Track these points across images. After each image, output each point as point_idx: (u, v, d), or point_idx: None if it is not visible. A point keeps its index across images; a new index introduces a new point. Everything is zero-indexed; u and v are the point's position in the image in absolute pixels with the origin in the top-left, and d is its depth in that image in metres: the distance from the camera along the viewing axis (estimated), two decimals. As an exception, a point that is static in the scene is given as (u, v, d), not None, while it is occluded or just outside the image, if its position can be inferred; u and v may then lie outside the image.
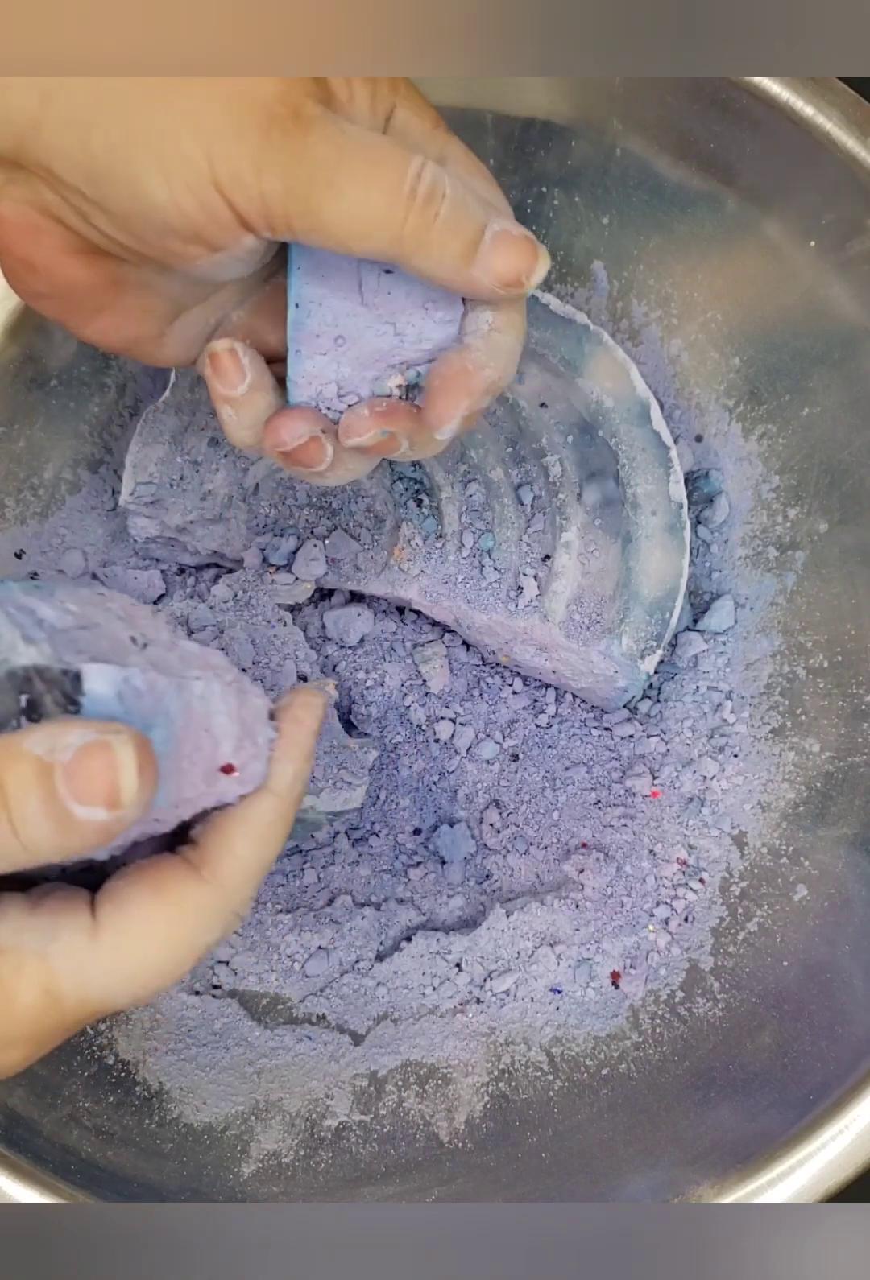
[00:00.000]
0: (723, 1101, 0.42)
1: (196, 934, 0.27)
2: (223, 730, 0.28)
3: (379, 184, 0.28)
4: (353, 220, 0.28)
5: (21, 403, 0.47)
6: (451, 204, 0.28)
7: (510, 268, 0.29)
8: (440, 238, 0.28)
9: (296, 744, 0.29)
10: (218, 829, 0.28)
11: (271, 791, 0.29)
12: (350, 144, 0.28)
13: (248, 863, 0.28)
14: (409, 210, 0.28)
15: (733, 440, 0.48)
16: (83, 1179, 0.39)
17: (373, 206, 0.28)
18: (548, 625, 0.45)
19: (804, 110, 0.42)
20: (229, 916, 0.28)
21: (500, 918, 0.45)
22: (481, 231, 0.29)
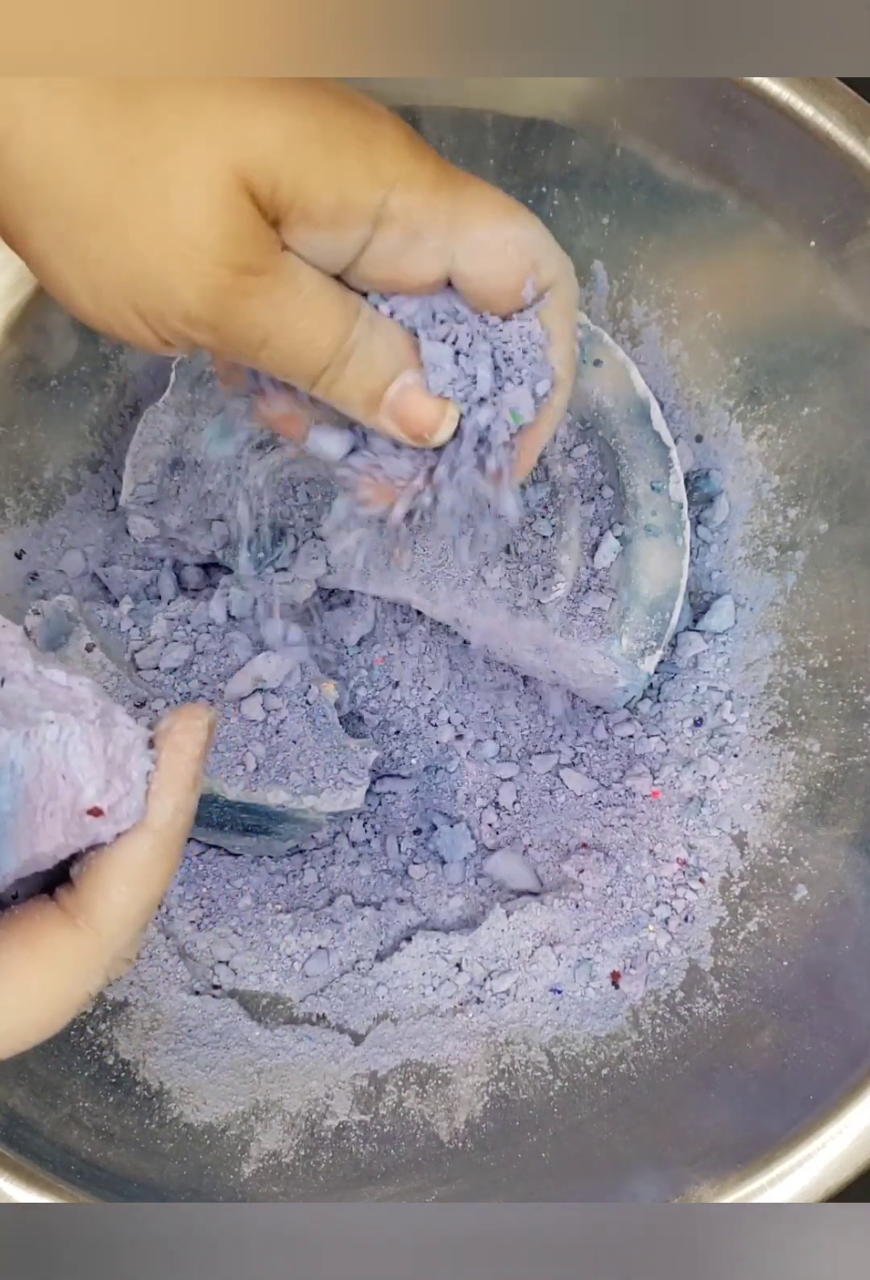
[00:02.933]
0: (723, 1101, 0.42)
1: (74, 985, 0.26)
2: (84, 773, 0.26)
3: (308, 353, 0.29)
4: (280, 368, 0.30)
5: (21, 403, 0.47)
6: (358, 361, 0.30)
7: (408, 420, 0.31)
8: (345, 391, 0.30)
9: (176, 775, 0.27)
10: (93, 872, 0.27)
11: (149, 829, 0.27)
12: (293, 308, 0.29)
13: (126, 906, 0.27)
14: (327, 368, 0.30)
15: (733, 440, 0.48)
16: (83, 1179, 0.39)
17: (298, 366, 0.30)
18: (548, 625, 0.45)
19: (804, 110, 0.42)
20: (109, 962, 0.27)
21: (500, 918, 0.45)
22: (384, 387, 0.31)
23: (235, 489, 0.46)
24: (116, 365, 0.48)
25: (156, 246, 0.27)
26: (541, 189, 0.47)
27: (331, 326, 0.29)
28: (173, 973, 0.45)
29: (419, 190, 0.29)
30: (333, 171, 0.28)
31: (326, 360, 0.30)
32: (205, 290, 0.27)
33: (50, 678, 0.27)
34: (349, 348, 0.30)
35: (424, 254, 0.30)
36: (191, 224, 0.27)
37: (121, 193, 0.27)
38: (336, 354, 0.30)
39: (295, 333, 0.29)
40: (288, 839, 0.46)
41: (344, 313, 0.30)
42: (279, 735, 0.44)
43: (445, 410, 0.31)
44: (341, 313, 0.30)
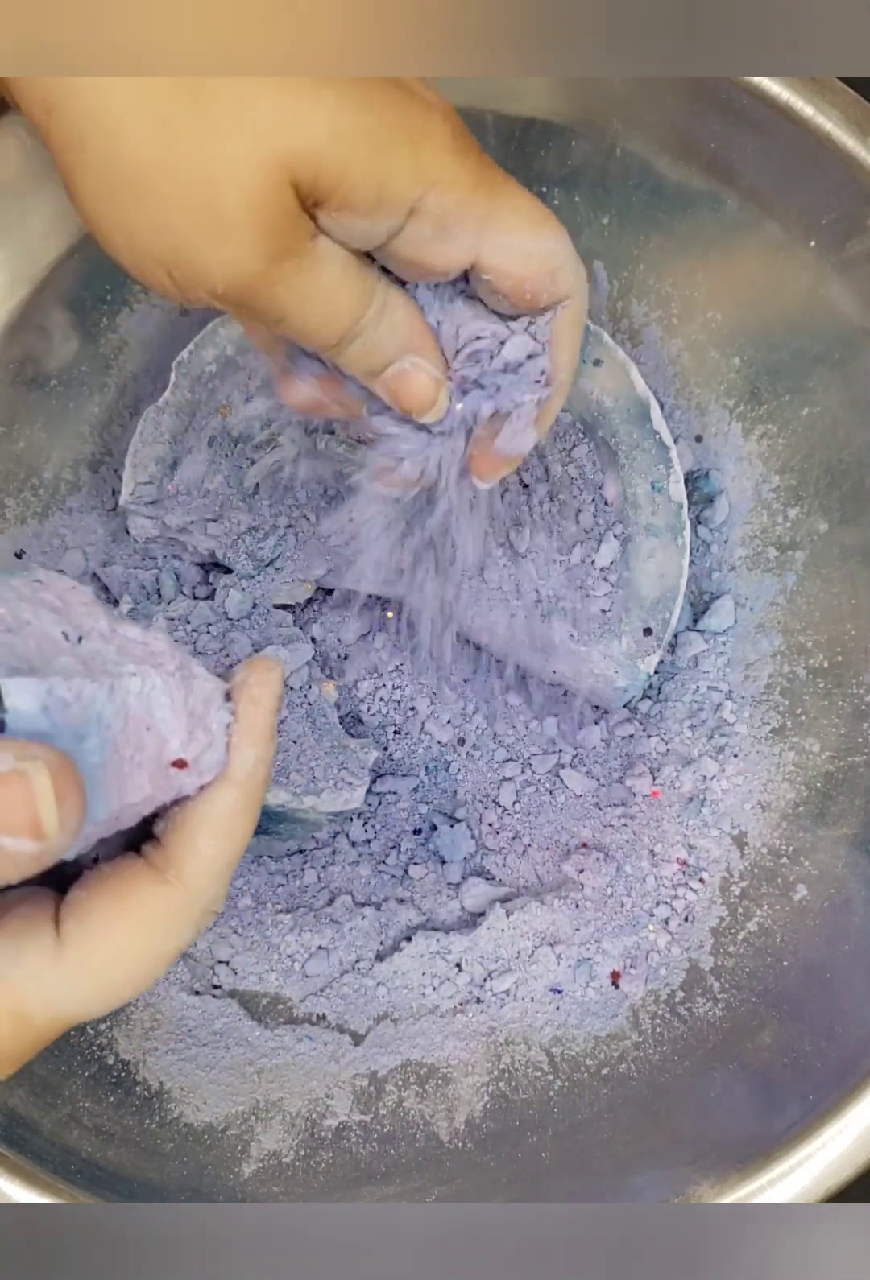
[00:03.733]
0: (723, 1101, 0.42)
1: (166, 940, 0.27)
2: (168, 725, 0.26)
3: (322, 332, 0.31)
4: (295, 336, 0.32)
5: (21, 403, 0.47)
6: (365, 341, 0.32)
7: (401, 398, 0.34)
8: (349, 362, 0.33)
9: (255, 726, 0.28)
10: (179, 826, 0.27)
11: (232, 781, 0.27)
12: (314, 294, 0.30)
13: (213, 859, 0.27)
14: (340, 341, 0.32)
15: (733, 440, 0.48)
16: (83, 1179, 0.39)
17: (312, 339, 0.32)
18: (547, 625, 0.45)
19: (804, 110, 0.42)
20: (199, 915, 0.27)
21: (500, 918, 0.45)
22: (384, 366, 0.33)
23: (235, 489, 0.46)
24: (116, 365, 0.48)
25: (195, 225, 0.28)
26: (541, 189, 0.47)
27: (346, 312, 0.31)
28: (173, 973, 0.45)
29: (457, 190, 0.30)
30: (377, 165, 0.29)
31: (336, 340, 0.32)
32: (234, 276, 0.29)
33: (126, 634, 0.28)
34: (357, 331, 0.32)
35: (451, 247, 0.31)
36: (231, 210, 0.28)
37: (169, 167, 0.28)
38: (345, 335, 0.31)
39: (311, 316, 0.31)
40: (288, 839, 0.46)
41: (359, 301, 0.31)
42: (279, 735, 0.44)
43: (437, 395, 0.33)
44: (358, 301, 0.31)
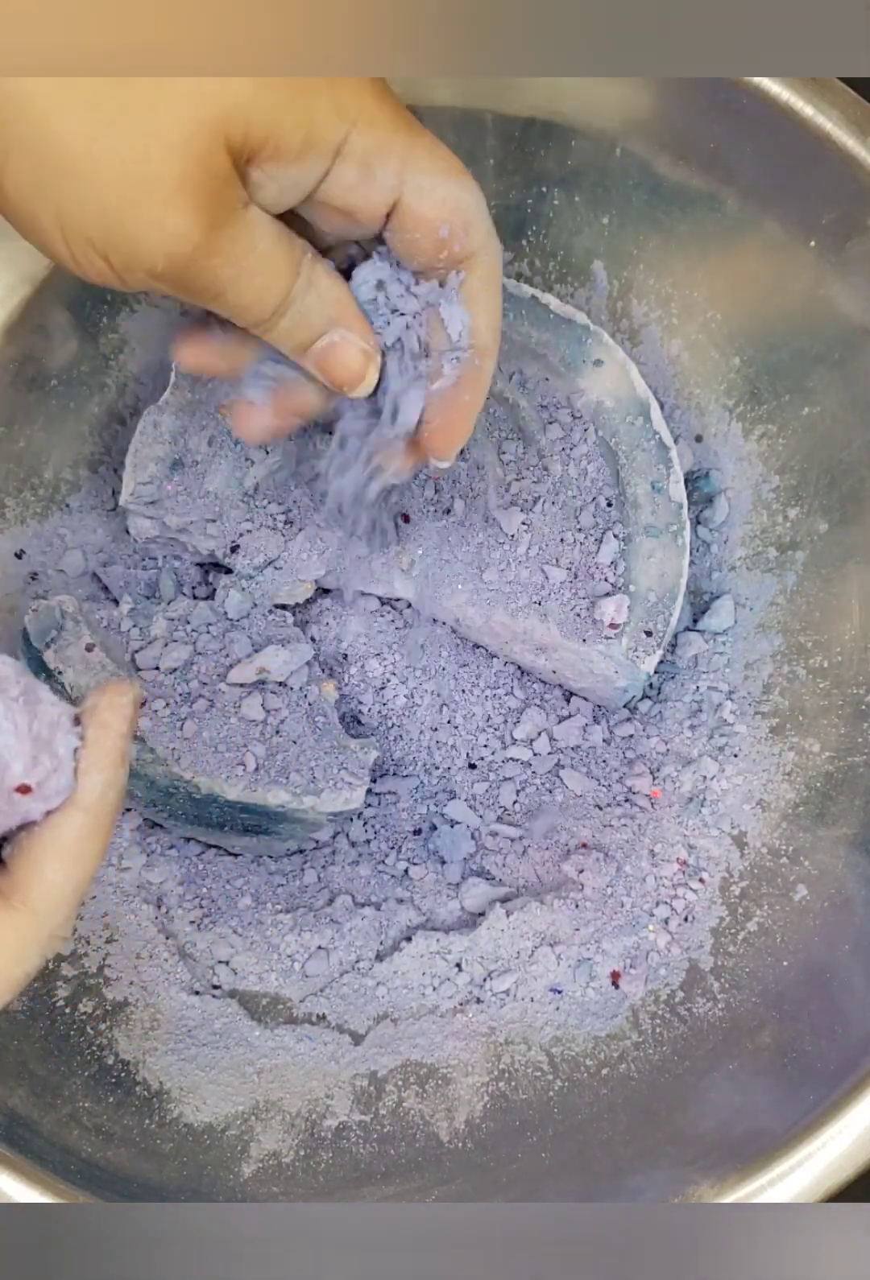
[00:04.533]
0: (722, 1101, 0.42)
1: (12, 965, 0.27)
2: (10, 750, 0.26)
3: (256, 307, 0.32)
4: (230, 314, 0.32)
5: (21, 403, 0.47)
6: (293, 314, 0.33)
7: (332, 372, 0.34)
8: (278, 339, 0.33)
9: (104, 751, 0.28)
10: (25, 852, 0.27)
11: (79, 807, 0.27)
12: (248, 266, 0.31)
13: (60, 886, 0.27)
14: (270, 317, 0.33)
15: (733, 440, 0.48)
16: (83, 1179, 0.39)
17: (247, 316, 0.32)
18: (547, 625, 0.45)
19: (804, 110, 0.42)
20: (45, 941, 0.27)
21: (500, 918, 0.45)
22: (314, 340, 0.34)
23: (235, 489, 0.46)
24: (116, 365, 0.48)
25: (129, 202, 0.28)
26: (541, 189, 0.47)
27: (278, 284, 0.32)
28: (173, 973, 0.45)
29: (379, 129, 0.31)
30: (301, 110, 0.29)
31: (269, 314, 0.32)
32: (173, 250, 0.29)
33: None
34: (285, 305, 0.32)
35: (374, 188, 0.32)
36: (165, 180, 0.28)
37: (98, 146, 0.28)
38: (277, 309, 0.32)
39: (247, 290, 0.31)
40: (288, 839, 0.46)
41: (290, 270, 0.32)
42: (279, 735, 0.44)
43: (366, 368, 0.34)
44: (288, 270, 0.32)
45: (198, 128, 0.28)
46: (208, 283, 0.31)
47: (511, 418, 0.46)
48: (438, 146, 0.33)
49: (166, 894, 0.46)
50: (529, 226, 0.48)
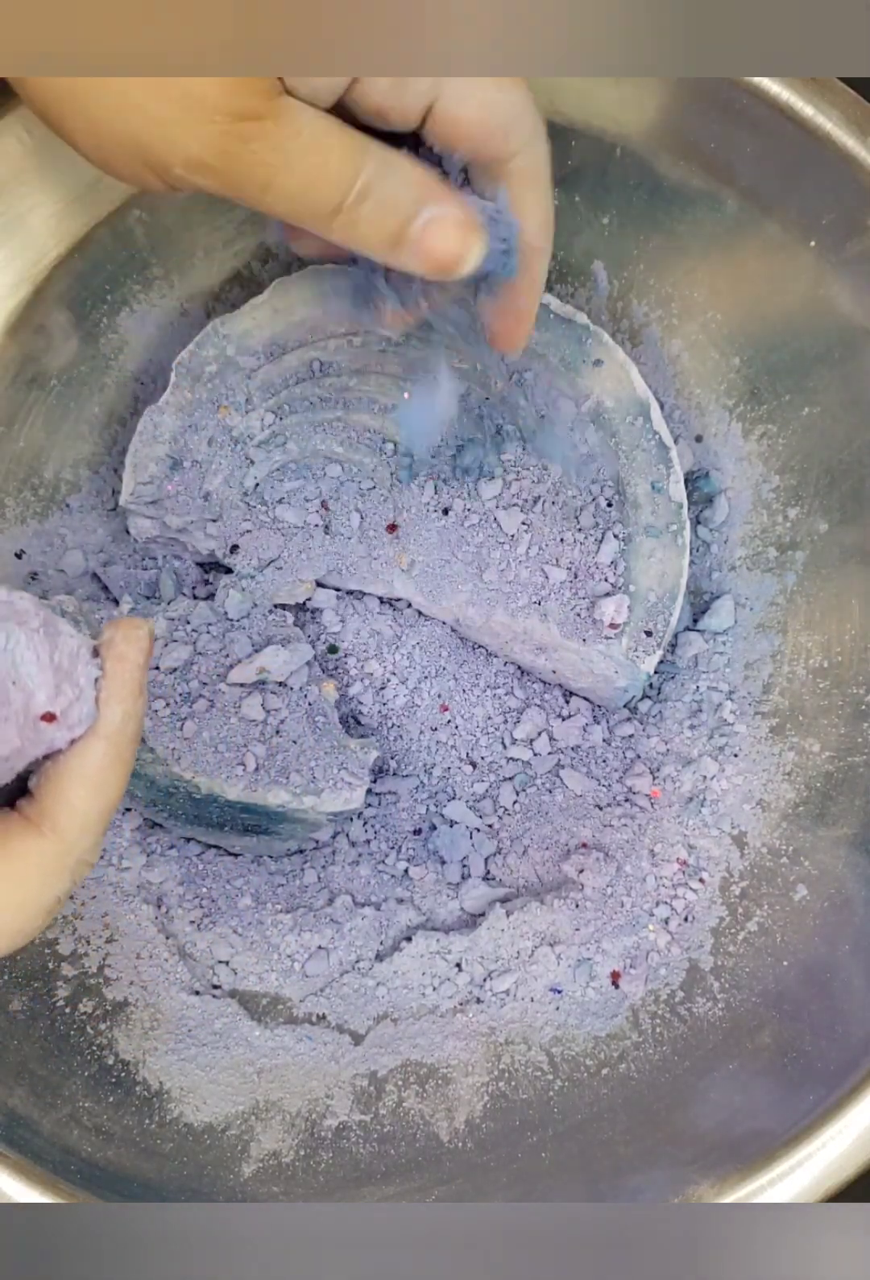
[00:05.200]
0: (722, 1101, 0.42)
1: (42, 891, 0.27)
2: (34, 680, 0.27)
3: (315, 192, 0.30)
4: (289, 209, 0.30)
5: (22, 403, 0.47)
6: (376, 201, 0.30)
7: (434, 254, 0.31)
8: (366, 232, 0.31)
9: (122, 681, 0.28)
10: (51, 780, 0.28)
11: (101, 735, 0.28)
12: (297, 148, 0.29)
13: (85, 811, 0.28)
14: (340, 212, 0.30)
15: (733, 440, 0.48)
16: (83, 1179, 0.39)
17: (308, 205, 0.30)
18: (547, 625, 0.45)
19: (804, 110, 0.42)
20: (74, 865, 0.28)
21: (500, 917, 0.45)
22: (407, 223, 0.31)
23: (235, 489, 0.46)
24: (116, 365, 0.48)
25: (157, 98, 0.28)
26: (541, 189, 0.47)
27: (338, 164, 0.30)
28: (173, 973, 0.45)
29: None
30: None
31: (337, 198, 0.30)
32: (206, 137, 0.28)
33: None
34: (364, 187, 0.30)
35: (408, 91, 0.30)
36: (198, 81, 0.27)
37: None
38: (348, 192, 0.30)
39: (300, 171, 0.29)
40: (288, 839, 0.46)
41: (351, 151, 0.30)
42: (279, 735, 0.44)
43: (469, 243, 0.32)
44: (348, 151, 0.30)
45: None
46: (253, 167, 0.29)
47: (511, 418, 0.46)
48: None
49: (166, 894, 0.46)
50: (529, 226, 0.48)
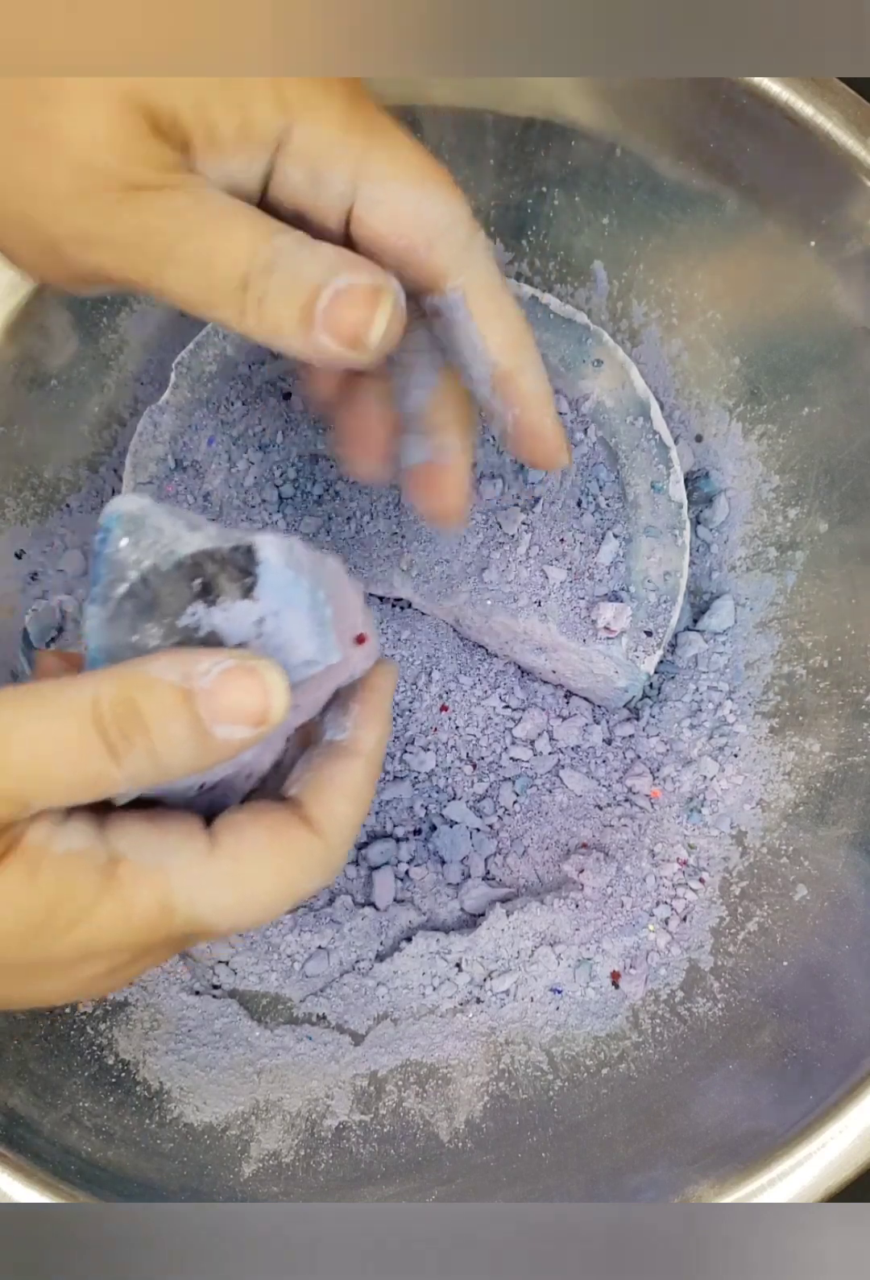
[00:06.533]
0: (722, 1101, 0.42)
1: (303, 878, 0.28)
2: (352, 602, 0.30)
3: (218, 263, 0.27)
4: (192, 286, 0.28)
5: (22, 403, 0.47)
6: (284, 273, 0.27)
7: (340, 327, 0.28)
8: (275, 310, 0.28)
9: (377, 709, 0.31)
10: (315, 790, 0.29)
11: (361, 755, 0.30)
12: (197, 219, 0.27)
13: (347, 821, 0.29)
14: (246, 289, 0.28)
15: (733, 440, 0.48)
16: (83, 1179, 0.39)
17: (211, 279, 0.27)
18: (547, 625, 0.45)
19: (804, 110, 0.42)
20: (330, 870, 0.29)
21: (500, 917, 0.45)
22: (316, 294, 0.27)
23: (234, 489, 0.46)
24: (116, 365, 0.48)
25: (46, 173, 0.27)
26: (541, 189, 0.47)
27: (243, 233, 0.27)
28: (173, 973, 0.45)
29: (326, 125, 0.28)
30: (235, 94, 0.27)
31: (243, 268, 0.27)
32: (100, 207, 0.27)
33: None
34: (271, 256, 0.27)
35: (322, 194, 0.29)
36: (80, 144, 0.26)
37: (8, 129, 0.27)
38: (254, 262, 0.27)
39: (201, 240, 0.27)
40: (288, 839, 0.46)
41: (256, 222, 0.28)
42: (279, 735, 0.44)
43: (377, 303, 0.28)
44: (254, 222, 0.28)
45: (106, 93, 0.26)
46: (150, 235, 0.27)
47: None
48: (402, 150, 0.29)
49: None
50: (529, 226, 0.48)
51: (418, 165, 0.29)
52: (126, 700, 0.25)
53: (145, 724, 0.25)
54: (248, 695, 0.26)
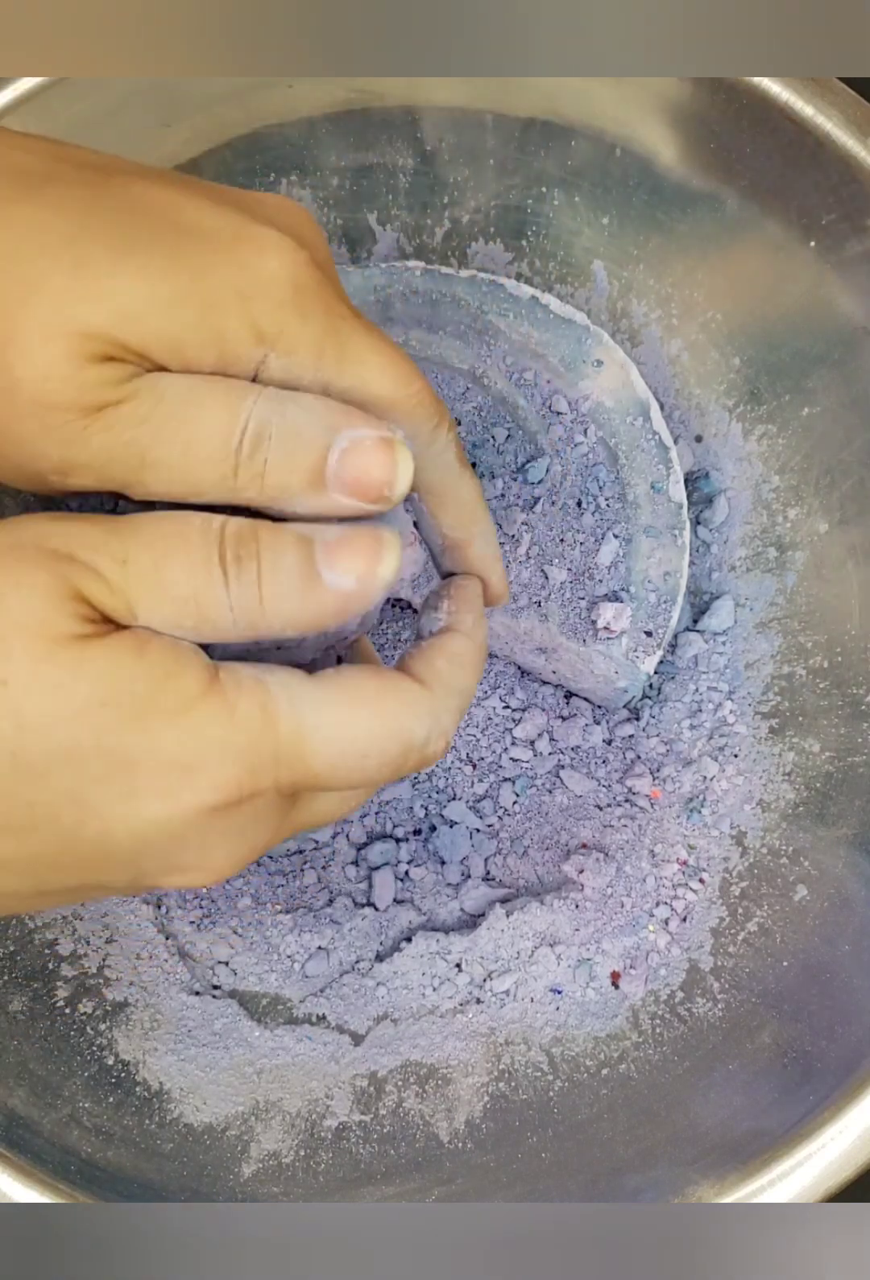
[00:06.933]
0: (722, 1102, 0.42)
1: (408, 720, 0.27)
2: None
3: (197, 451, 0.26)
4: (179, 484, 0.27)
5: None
6: (280, 439, 0.27)
7: (363, 483, 0.27)
8: (281, 480, 0.27)
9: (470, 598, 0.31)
10: (418, 656, 0.29)
11: (458, 630, 0.30)
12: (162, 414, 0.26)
13: (454, 681, 0.29)
14: (238, 465, 0.27)
15: (733, 440, 0.48)
16: (82, 1180, 0.39)
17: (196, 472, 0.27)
18: (547, 625, 0.45)
19: (804, 110, 0.42)
20: (436, 723, 0.28)
21: (500, 918, 0.45)
22: (325, 453, 0.27)
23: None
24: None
25: (14, 418, 0.26)
26: (541, 189, 0.47)
27: (215, 411, 0.26)
28: (173, 973, 0.45)
29: (300, 354, 0.27)
30: (210, 332, 0.26)
31: (225, 448, 0.26)
32: (66, 438, 0.26)
33: None
34: (257, 428, 0.26)
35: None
36: (35, 384, 0.26)
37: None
38: (236, 438, 0.26)
39: (171, 434, 0.26)
40: (287, 839, 0.46)
41: (227, 393, 0.27)
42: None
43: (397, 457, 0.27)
44: (224, 394, 0.27)
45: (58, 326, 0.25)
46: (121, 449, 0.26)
47: (511, 419, 0.46)
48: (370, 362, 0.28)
49: (166, 894, 0.46)
50: (529, 227, 0.48)
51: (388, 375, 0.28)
52: (249, 528, 0.26)
53: (259, 549, 0.25)
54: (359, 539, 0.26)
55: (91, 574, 0.25)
